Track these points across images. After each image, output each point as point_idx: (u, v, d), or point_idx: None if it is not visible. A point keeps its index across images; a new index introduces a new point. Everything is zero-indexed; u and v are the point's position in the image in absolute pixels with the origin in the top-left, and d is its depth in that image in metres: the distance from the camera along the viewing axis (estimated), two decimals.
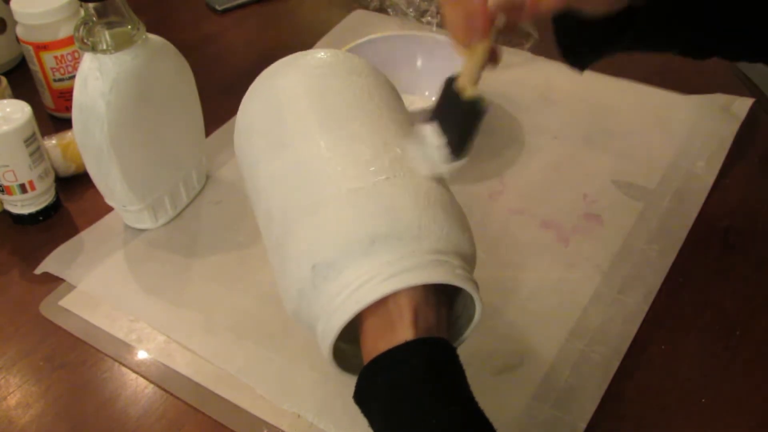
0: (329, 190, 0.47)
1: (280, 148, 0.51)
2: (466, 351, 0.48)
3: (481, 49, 0.48)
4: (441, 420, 0.41)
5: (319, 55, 0.56)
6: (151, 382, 0.59)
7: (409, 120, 0.54)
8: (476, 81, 0.48)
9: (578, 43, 0.55)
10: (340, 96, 0.52)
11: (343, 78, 0.53)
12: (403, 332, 0.44)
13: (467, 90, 0.48)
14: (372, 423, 0.45)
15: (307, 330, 0.49)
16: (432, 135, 0.49)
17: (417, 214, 0.46)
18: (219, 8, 1.05)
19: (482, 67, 0.48)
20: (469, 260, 0.48)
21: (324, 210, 0.46)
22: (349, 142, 0.49)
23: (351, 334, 0.48)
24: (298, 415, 0.56)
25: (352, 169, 0.47)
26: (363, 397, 0.45)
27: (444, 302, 0.48)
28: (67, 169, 0.76)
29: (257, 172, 0.53)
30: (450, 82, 0.49)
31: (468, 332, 0.49)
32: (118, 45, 0.62)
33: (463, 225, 0.48)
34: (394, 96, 0.56)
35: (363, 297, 0.44)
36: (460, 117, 0.48)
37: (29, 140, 0.68)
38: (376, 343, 0.45)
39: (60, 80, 0.83)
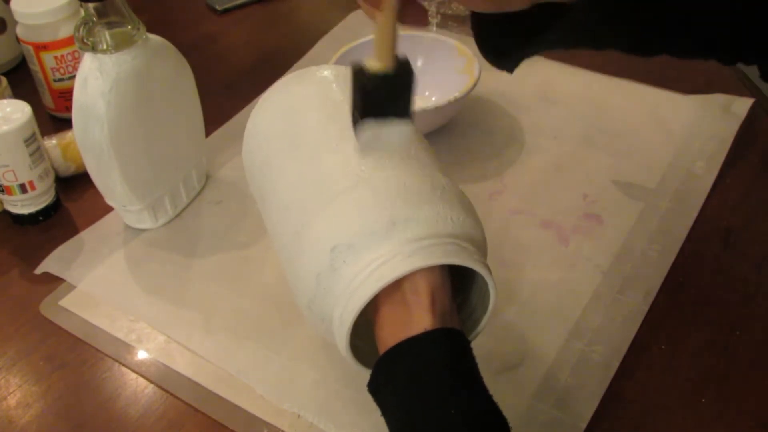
0: (348, 180, 0.48)
1: (294, 148, 0.53)
2: None
3: (386, 10, 0.44)
4: (459, 411, 0.42)
5: (330, 67, 0.59)
6: (151, 382, 0.59)
7: (415, 124, 0.55)
8: (392, 47, 0.44)
9: (499, 42, 0.51)
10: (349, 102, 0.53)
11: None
12: (421, 317, 0.44)
13: (385, 62, 0.44)
14: (386, 411, 0.45)
15: (320, 323, 0.49)
16: (375, 133, 0.47)
17: (435, 199, 0.47)
18: (219, 8, 1.05)
19: (394, 30, 0.44)
20: (482, 250, 0.50)
21: (343, 196, 0.48)
22: None
23: (364, 330, 0.48)
24: (298, 415, 0.56)
25: (368, 160, 0.49)
26: (379, 386, 0.45)
27: (455, 295, 0.49)
28: (67, 169, 0.76)
29: (270, 172, 0.54)
30: (359, 72, 0.45)
31: (484, 322, 0.50)
32: (118, 45, 0.62)
33: (475, 216, 0.50)
34: None
35: (384, 275, 0.44)
36: (396, 94, 0.46)
37: (29, 140, 0.68)
38: (392, 331, 0.45)
39: (60, 80, 0.83)
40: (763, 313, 0.62)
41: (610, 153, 0.77)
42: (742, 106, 0.82)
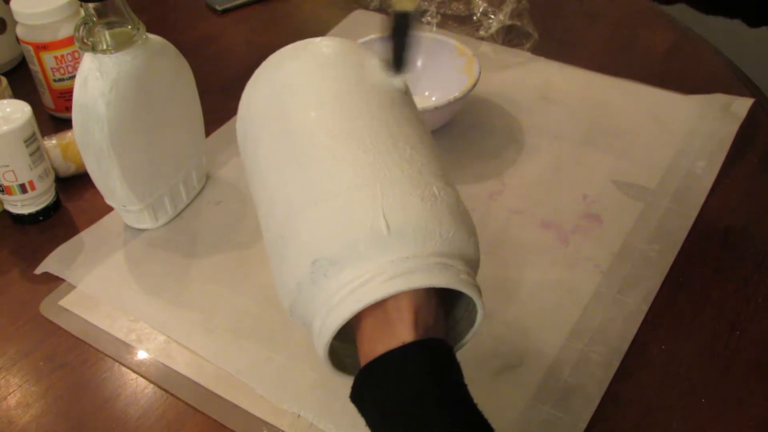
0: (333, 185, 0.46)
1: (284, 136, 0.50)
2: (465, 351, 0.48)
3: None
4: (442, 424, 0.41)
5: (328, 43, 0.54)
6: (151, 382, 0.59)
7: (420, 119, 0.53)
8: None
9: None
10: (349, 90, 0.50)
11: (353, 71, 0.52)
12: (403, 333, 0.43)
13: (402, 3, 0.49)
14: (369, 422, 0.44)
15: (302, 327, 0.48)
16: (380, 64, 0.52)
17: (423, 214, 0.45)
18: (219, 8, 1.05)
19: None
20: (473, 265, 0.48)
21: (327, 204, 0.45)
22: (357, 138, 0.48)
23: (346, 334, 0.47)
24: (298, 415, 0.56)
25: (358, 165, 0.46)
26: (360, 398, 0.45)
27: (441, 304, 0.47)
28: (67, 169, 0.76)
29: (259, 159, 0.52)
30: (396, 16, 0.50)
31: (468, 337, 0.49)
32: (118, 45, 0.62)
33: (469, 229, 0.47)
34: (405, 92, 0.54)
35: (364, 296, 0.43)
36: (392, 31, 0.51)
37: (29, 140, 0.68)
38: (374, 345, 0.44)
39: (60, 80, 0.83)
40: (763, 313, 0.62)
41: (610, 153, 0.77)
42: (742, 106, 0.82)
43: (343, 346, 0.49)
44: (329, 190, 0.46)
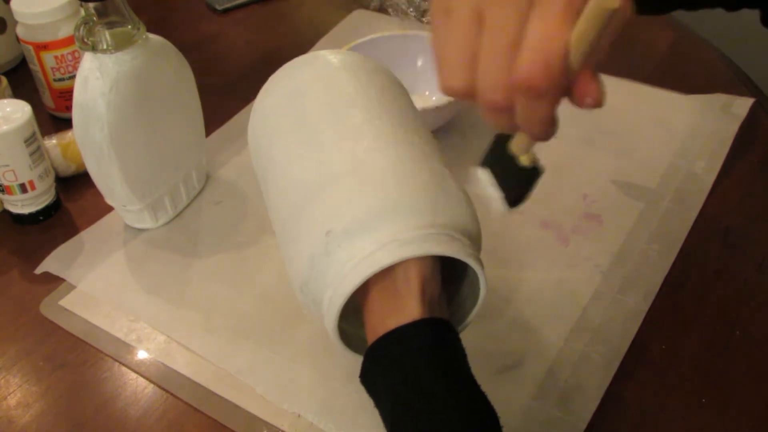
0: (347, 164, 0.49)
1: (297, 129, 0.53)
2: (465, 350, 0.48)
3: None
4: (450, 399, 0.42)
5: (339, 54, 0.59)
6: (151, 382, 0.59)
7: (420, 118, 0.56)
8: (529, 150, 0.45)
9: None
10: (360, 88, 0.54)
11: (362, 73, 0.56)
12: (411, 305, 0.45)
13: (522, 157, 0.45)
14: (378, 401, 0.45)
15: (312, 305, 0.49)
16: (488, 184, 0.47)
17: (433, 190, 0.48)
18: (219, 8, 1.05)
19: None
20: (475, 242, 0.50)
21: (343, 180, 0.48)
22: (370, 127, 0.51)
23: (353, 316, 0.49)
24: (298, 415, 0.56)
25: (370, 148, 0.49)
26: (370, 376, 0.46)
27: (444, 288, 0.49)
28: (67, 169, 0.76)
29: (273, 150, 0.55)
30: (501, 140, 0.46)
31: (473, 315, 0.50)
32: (119, 45, 0.62)
33: (472, 210, 0.50)
34: (406, 95, 0.58)
35: (376, 262, 0.45)
36: (520, 181, 0.46)
37: (29, 140, 0.68)
38: (383, 317, 0.45)
39: (60, 80, 0.83)
40: (763, 313, 0.62)
41: (610, 153, 0.77)
42: (742, 106, 0.82)
43: (351, 329, 0.50)
44: (342, 170, 0.49)
